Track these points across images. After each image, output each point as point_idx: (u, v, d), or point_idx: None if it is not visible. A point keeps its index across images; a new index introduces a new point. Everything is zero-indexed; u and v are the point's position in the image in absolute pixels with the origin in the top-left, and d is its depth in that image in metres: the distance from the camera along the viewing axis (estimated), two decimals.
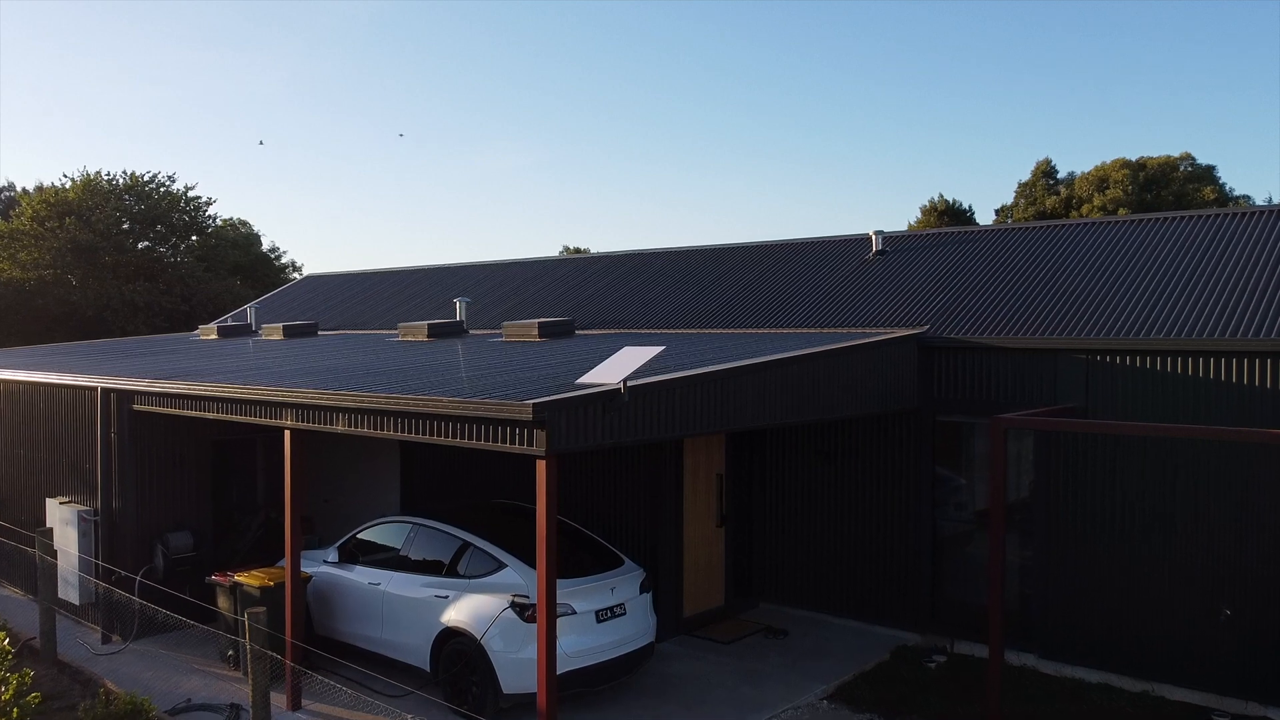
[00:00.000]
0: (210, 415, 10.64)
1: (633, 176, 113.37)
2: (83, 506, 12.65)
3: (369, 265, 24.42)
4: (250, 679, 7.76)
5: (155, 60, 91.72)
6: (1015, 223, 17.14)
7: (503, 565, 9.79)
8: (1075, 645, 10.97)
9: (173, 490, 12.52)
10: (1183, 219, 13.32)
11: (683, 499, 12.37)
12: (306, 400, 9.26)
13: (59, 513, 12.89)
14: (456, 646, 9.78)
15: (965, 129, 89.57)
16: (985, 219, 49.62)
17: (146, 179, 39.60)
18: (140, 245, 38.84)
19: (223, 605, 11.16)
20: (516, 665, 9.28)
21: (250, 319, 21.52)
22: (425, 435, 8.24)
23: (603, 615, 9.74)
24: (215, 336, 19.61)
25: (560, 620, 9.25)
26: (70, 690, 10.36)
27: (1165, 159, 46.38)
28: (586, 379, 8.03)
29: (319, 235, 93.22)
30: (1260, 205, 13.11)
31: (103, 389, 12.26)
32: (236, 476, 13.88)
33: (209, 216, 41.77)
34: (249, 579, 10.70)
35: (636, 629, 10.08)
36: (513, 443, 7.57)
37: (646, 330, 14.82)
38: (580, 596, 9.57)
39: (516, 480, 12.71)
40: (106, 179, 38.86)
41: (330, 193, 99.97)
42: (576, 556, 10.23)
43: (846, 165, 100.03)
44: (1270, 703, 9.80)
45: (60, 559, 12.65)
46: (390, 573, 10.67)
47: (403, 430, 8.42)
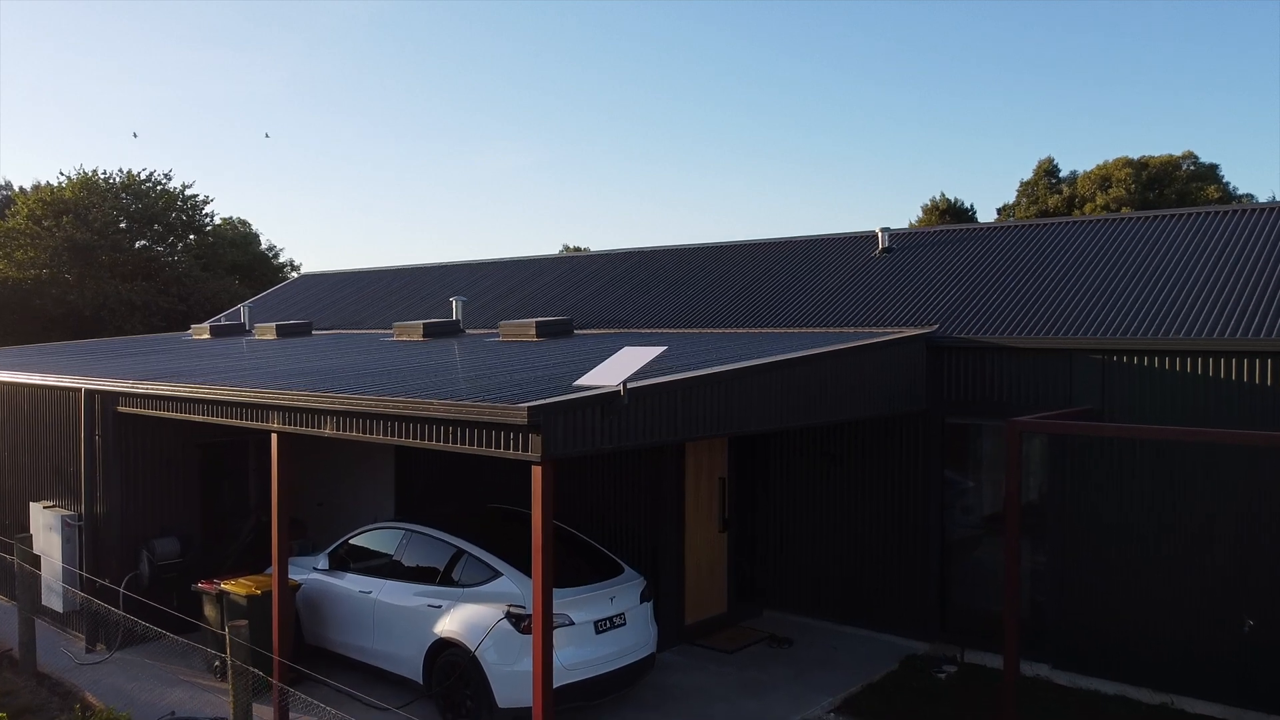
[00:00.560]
0: (195, 418, 10.28)
1: (632, 176, 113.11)
2: (67, 511, 12.29)
3: (368, 265, 24.04)
4: (232, 695, 7.40)
5: (155, 60, 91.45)
6: (1025, 219, 16.79)
7: (498, 574, 9.42)
8: (1090, 655, 10.60)
9: (159, 494, 12.15)
10: (1197, 215, 12.96)
11: (684, 503, 12.01)
12: (293, 402, 8.90)
13: (43, 517, 12.53)
14: (450, 658, 9.42)
15: (966, 128, 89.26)
16: (987, 218, 49.30)
17: (143, 177, 39.30)
18: (137, 244, 38.53)
19: (209, 614, 10.80)
20: (512, 678, 8.91)
21: (244, 318, 21.16)
22: (416, 439, 7.89)
23: (602, 626, 9.37)
24: (208, 336, 19.25)
25: (557, 631, 8.87)
26: (49, 703, 10.00)
27: (1168, 158, 46.06)
28: (584, 380, 7.67)
29: (319, 235, 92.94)
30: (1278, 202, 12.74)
31: (86, 390, 11.90)
32: (228, 479, 13.51)
33: (206, 215, 41.46)
34: (236, 587, 10.34)
35: (637, 640, 9.72)
36: (507, 447, 7.21)
37: (647, 330, 14.45)
38: (578, 606, 9.20)
39: (515, 484, 12.33)
40: (103, 177, 38.54)
41: (330, 193, 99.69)
42: (574, 564, 9.87)
43: (847, 165, 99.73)
44: None
45: (44, 565, 12.29)
46: (382, 580, 10.31)
47: (392, 434, 8.07)
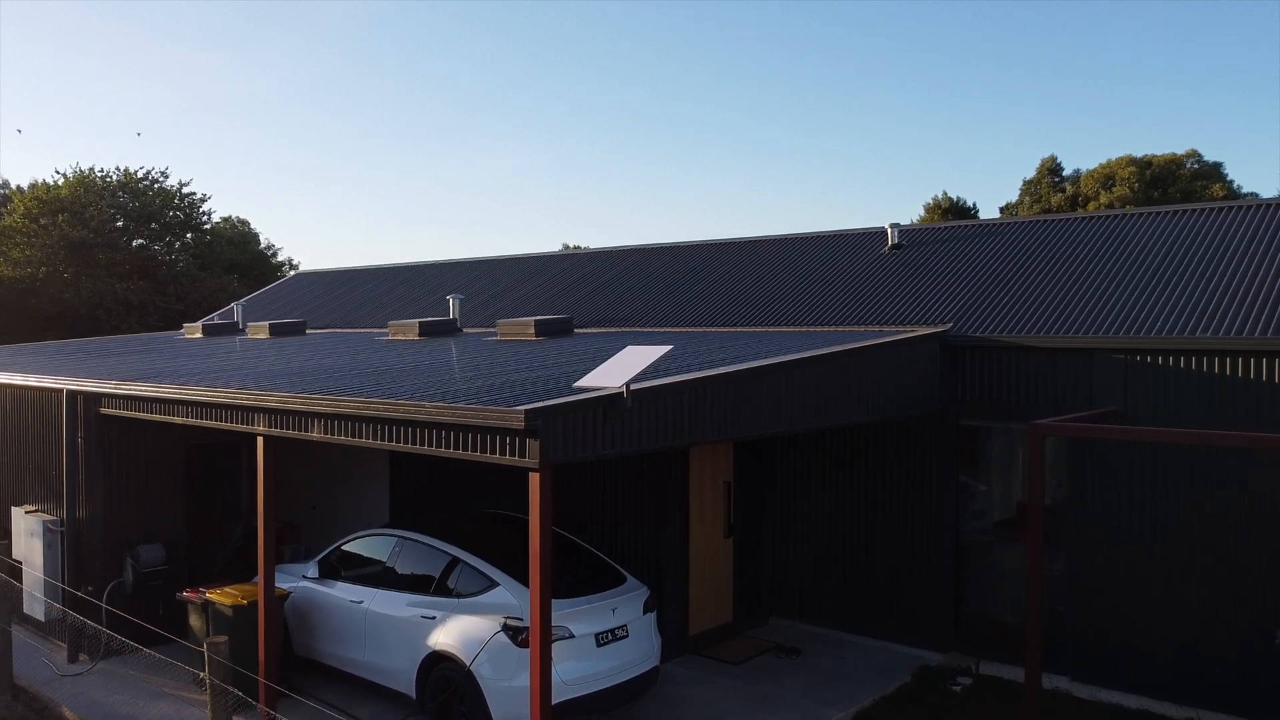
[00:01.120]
0: (177, 420, 9.86)
1: (632, 176, 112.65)
2: (49, 516, 11.86)
3: (366, 264, 23.63)
4: (210, 717, 6.98)
5: (155, 60, 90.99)
6: (1039, 215, 16.38)
7: (494, 584, 8.99)
8: (1112, 667, 10.17)
9: (144, 499, 11.72)
10: (1220, 210, 12.52)
11: (688, 508, 11.58)
12: (279, 405, 8.47)
13: (24, 523, 12.10)
14: (444, 672, 8.99)
15: (967, 127, 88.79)
16: (990, 217, 48.85)
17: (140, 176, 38.92)
18: (135, 243, 38.17)
19: (194, 624, 10.37)
20: (509, 694, 8.48)
21: (237, 317, 20.75)
22: (407, 444, 7.47)
23: (603, 638, 8.94)
24: (200, 336, 18.82)
25: (556, 645, 8.44)
26: (25, 719, 9.58)
27: (1171, 156, 45.70)
28: (585, 382, 7.24)
29: (319, 235, 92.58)
30: None
31: (68, 391, 11.47)
32: (219, 482, 13.09)
33: (204, 214, 41.03)
34: (221, 597, 9.90)
35: (640, 652, 9.28)
36: (502, 453, 6.79)
37: (649, 329, 14.02)
38: (578, 618, 8.77)
39: (514, 487, 11.83)
40: (100, 176, 38.16)
41: (330, 192, 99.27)
42: (574, 573, 9.43)
43: (848, 164, 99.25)
44: None
45: (25, 572, 11.87)
46: (374, 590, 9.88)
47: (382, 438, 7.65)
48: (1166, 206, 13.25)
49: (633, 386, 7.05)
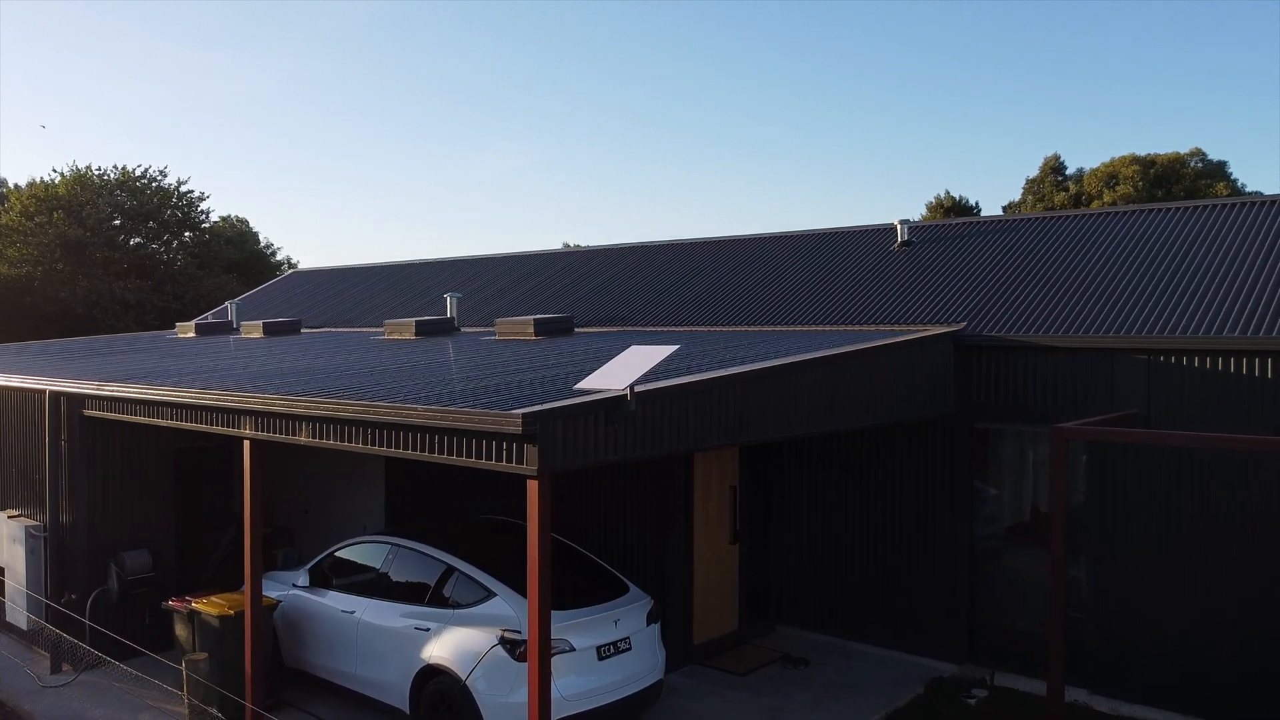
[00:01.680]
0: (162, 422, 9.47)
1: (633, 176, 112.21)
2: (32, 522, 11.48)
3: (364, 263, 23.25)
4: None
5: (155, 60, 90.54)
6: (1054, 210, 16.06)
7: (491, 594, 8.60)
8: (1133, 679, 9.78)
9: (130, 504, 11.31)
10: (1246, 205, 12.12)
11: (693, 513, 11.18)
12: (266, 407, 8.08)
13: (6, 528, 11.72)
14: (438, 687, 8.59)
15: (969, 126, 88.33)
16: (998, 214, 48.47)
17: (138, 174, 38.56)
18: (132, 242, 37.79)
19: (180, 635, 9.98)
20: (506, 711, 8.09)
21: (231, 316, 20.34)
22: (399, 449, 7.07)
23: (605, 651, 8.55)
24: (192, 335, 18.43)
25: (556, 659, 8.05)
26: None
27: (1174, 155, 45.34)
28: (586, 384, 6.85)
29: (319, 235, 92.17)
30: None
31: (51, 392, 11.08)
32: (210, 485, 12.70)
33: (202, 212, 40.63)
34: (208, 607, 9.51)
35: (643, 665, 8.89)
36: (498, 459, 6.40)
37: (652, 328, 13.63)
38: (579, 631, 8.38)
39: (512, 491, 11.43)
40: (97, 173, 37.79)
41: (330, 192, 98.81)
42: (575, 583, 9.05)
43: (849, 164, 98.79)
44: None
45: (7, 579, 11.49)
46: (366, 600, 9.49)
47: (373, 443, 7.26)
48: (1187, 202, 12.85)
49: (637, 388, 6.67)
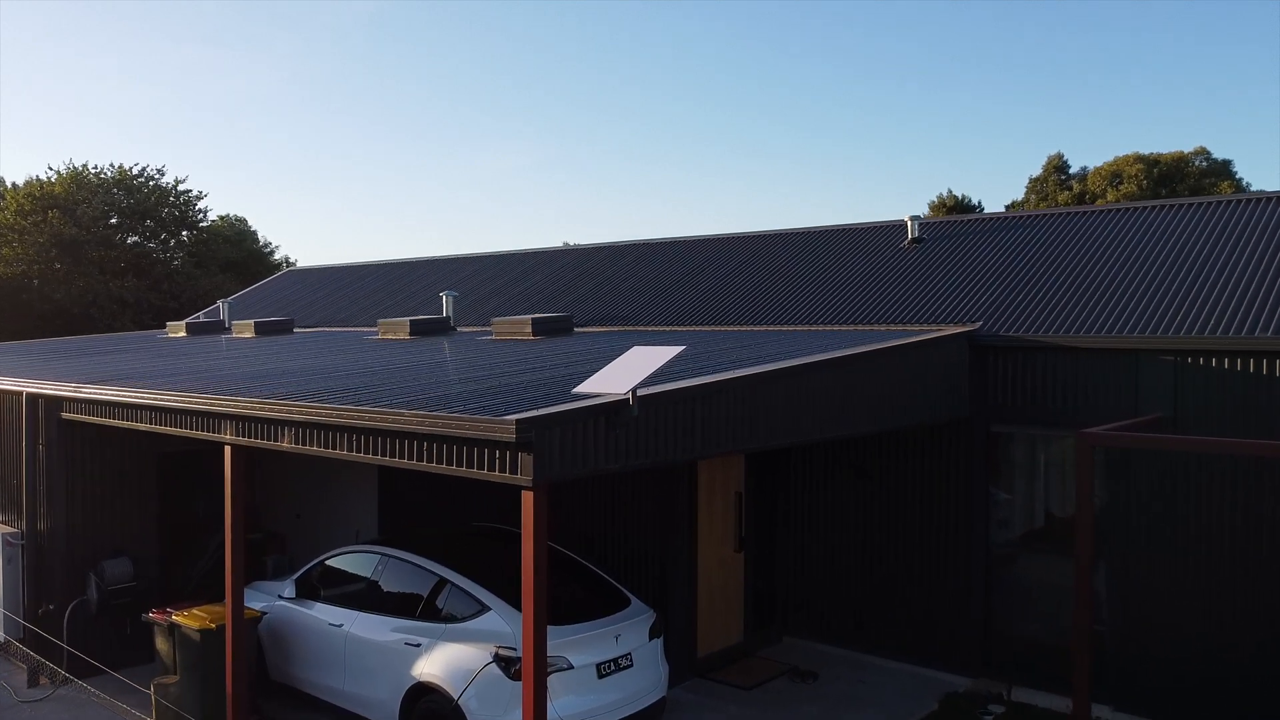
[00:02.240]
0: (141, 426, 9.03)
1: (633, 176, 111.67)
2: (9, 529, 11.03)
3: (359, 261, 22.80)
4: None
5: (155, 59, 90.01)
6: (1071, 206, 15.68)
7: (485, 608, 8.15)
8: (1159, 696, 9.33)
9: (111, 511, 10.87)
10: (1267, 201, 11.67)
11: (697, 520, 10.74)
12: (246, 411, 7.63)
13: None
14: (430, 706, 8.16)
15: (970, 125, 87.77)
16: (1008, 212, 47.99)
17: (135, 172, 38.16)
18: (129, 240, 37.39)
19: (161, 648, 9.52)
20: None
21: (223, 315, 19.90)
22: (385, 456, 6.64)
23: (605, 669, 8.11)
24: (183, 334, 17.99)
25: (554, 677, 7.63)
26: None
27: (1178, 154, 44.92)
28: (586, 387, 6.42)
29: (319, 235, 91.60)
30: None
31: (28, 394, 10.64)
32: (198, 490, 12.25)
33: (200, 211, 40.22)
34: (188, 620, 9.06)
35: (645, 683, 8.45)
36: (490, 468, 5.97)
37: (654, 328, 13.19)
38: (578, 647, 7.94)
39: (511, 497, 11.03)
40: (94, 172, 37.38)
41: (330, 192, 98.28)
42: (574, 596, 8.61)
43: (850, 163, 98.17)
44: None
45: None
46: (355, 612, 9.05)
47: (358, 450, 6.81)
48: (1208, 198, 12.40)
49: (640, 392, 6.23)
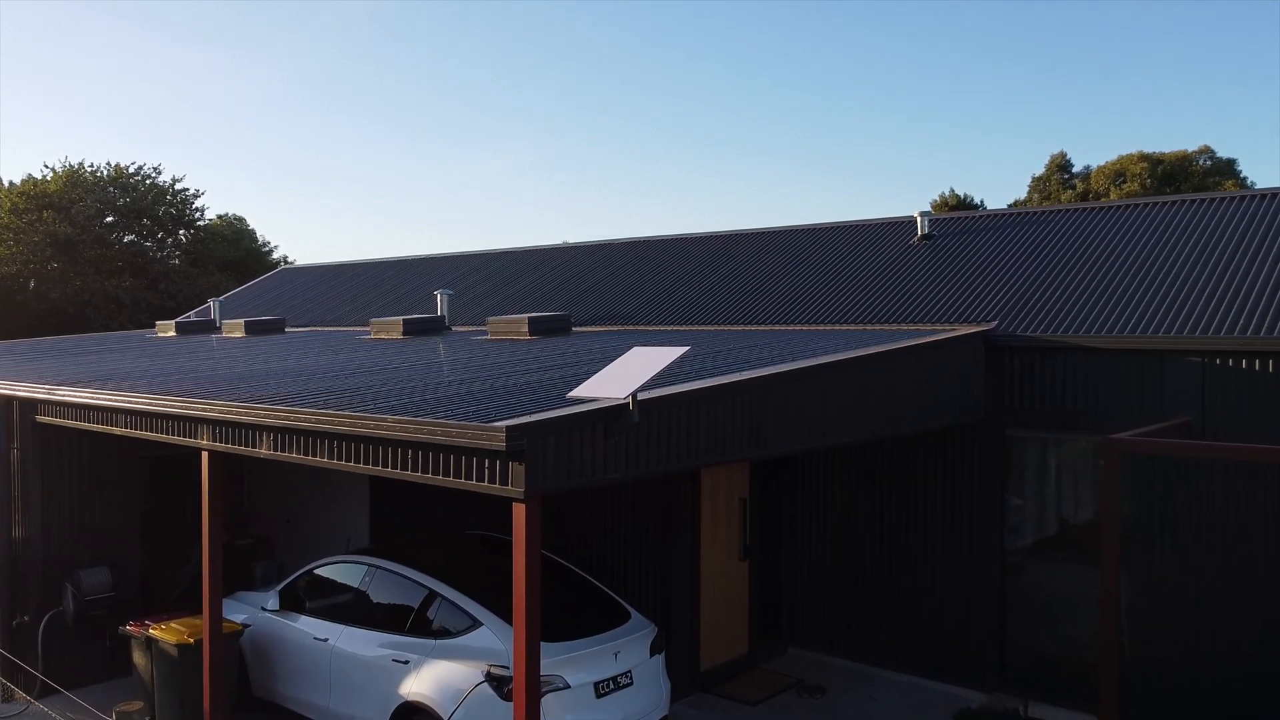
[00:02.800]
0: (115, 430, 8.60)
1: (634, 175, 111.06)
2: None
3: (354, 259, 22.37)
4: None
5: (155, 59, 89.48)
6: (1088, 202, 15.31)
7: (477, 624, 7.72)
8: (1185, 713, 8.89)
9: (89, 518, 10.42)
10: None
11: (700, 528, 10.30)
12: (224, 416, 7.20)
13: None
14: None
15: (972, 124, 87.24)
16: (1020, 209, 47.62)
17: (132, 171, 37.72)
18: (125, 239, 36.97)
19: (138, 662, 9.10)
20: None
21: (214, 315, 19.45)
22: (368, 464, 6.20)
23: (604, 688, 7.67)
24: (172, 334, 17.55)
25: (549, 697, 7.20)
26: None
27: (1182, 153, 44.54)
28: (583, 391, 5.98)
29: (318, 234, 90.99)
30: None
31: (2, 395, 10.20)
32: (183, 496, 11.83)
33: (197, 209, 39.79)
34: (166, 634, 8.63)
35: (646, 701, 8.02)
36: (479, 479, 5.54)
37: (655, 328, 12.75)
38: (575, 665, 7.51)
39: (508, 503, 10.59)
40: (90, 170, 36.96)
41: (329, 191, 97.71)
42: (570, 610, 8.17)
43: (851, 163, 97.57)
44: None
45: None
46: (341, 626, 8.62)
47: (339, 457, 6.38)
48: (1228, 193, 11.96)
49: (641, 396, 5.79)
